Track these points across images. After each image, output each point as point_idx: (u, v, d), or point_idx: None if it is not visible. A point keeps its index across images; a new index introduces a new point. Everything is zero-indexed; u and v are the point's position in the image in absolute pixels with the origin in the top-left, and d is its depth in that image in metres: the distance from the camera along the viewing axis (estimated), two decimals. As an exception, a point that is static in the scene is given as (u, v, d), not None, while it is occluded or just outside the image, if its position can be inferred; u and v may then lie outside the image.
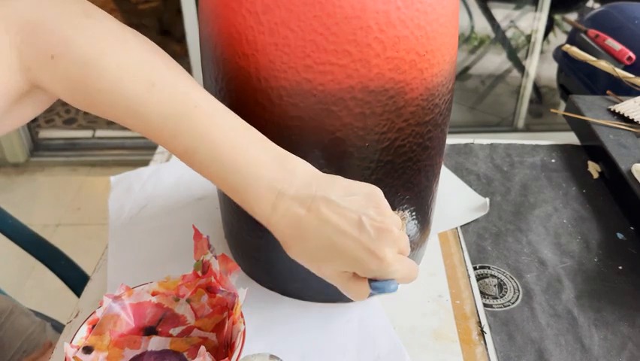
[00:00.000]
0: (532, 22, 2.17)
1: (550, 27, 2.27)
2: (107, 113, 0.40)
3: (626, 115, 0.82)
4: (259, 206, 0.41)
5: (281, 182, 0.40)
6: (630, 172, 0.70)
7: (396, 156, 0.49)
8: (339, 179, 0.42)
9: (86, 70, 0.38)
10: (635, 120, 0.81)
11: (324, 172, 0.48)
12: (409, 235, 0.56)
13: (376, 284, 0.41)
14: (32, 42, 0.37)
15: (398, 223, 0.42)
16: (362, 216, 0.40)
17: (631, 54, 1.20)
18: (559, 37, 2.33)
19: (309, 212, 0.40)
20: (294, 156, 0.42)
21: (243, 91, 0.46)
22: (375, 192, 0.42)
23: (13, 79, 0.37)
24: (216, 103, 0.41)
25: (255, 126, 0.47)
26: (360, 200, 0.41)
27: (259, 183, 0.40)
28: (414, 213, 0.55)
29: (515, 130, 2.20)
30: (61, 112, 2.44)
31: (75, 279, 0.84)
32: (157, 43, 0.42)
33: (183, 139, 0.40)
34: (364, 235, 0.39)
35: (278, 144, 0.47)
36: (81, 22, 0.38)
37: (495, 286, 0.61)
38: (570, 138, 0.87)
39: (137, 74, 0.39)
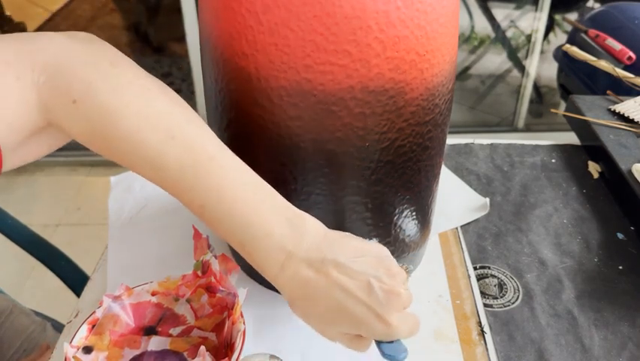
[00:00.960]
0: (533, 22, 2.17)
1: (550, 27, 2.27)
2: (124, 161, 0.40)
3: (626, 115, 0.82)
4: (267, 264, 0.41)
5: (291, 242, 0.40)
6: (630, 172, 0.70)
7: (396, 156, 0.49)
8: (347, 239, 0.42)
9: (106, 117, 0.38)
10: (636, 120, 0.81)
11: (324, 173, 0.48)
12: (409, 235, 0.56)
13: (387, 352, 0.40)
14: (55, 84, 0.37)
15: (404, 278, 0.42)
16: (371, 279, 0.39)
17: (631, 54, 1.20)
18: (559, 37, 2.33)
19: (318, 274, 0.40)
20: (304, 213, 0.42)
21: (243, 91, 0.46)
22: (384, 253, 0.42)
23: (30, 114, 0.37)
24: (232, 157, 0.41)
25: (255, 126, 0.47)
26: (369, 261, 0.41)
27: (269, 241, 0.40)
28: (414, 213, 0.55)
29: (515, 130, 2.20)
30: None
31: (75, 279, 0.84)
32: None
33: (197, 193, 0.40)
34: (373, 299, 0.39)
35: (278, 144, 0.47)
36: (106, 70, 0.39)
37: (495, 286, 0.61)
38: (570, 137, 0.87)
39: (156, 125, 0.39)
